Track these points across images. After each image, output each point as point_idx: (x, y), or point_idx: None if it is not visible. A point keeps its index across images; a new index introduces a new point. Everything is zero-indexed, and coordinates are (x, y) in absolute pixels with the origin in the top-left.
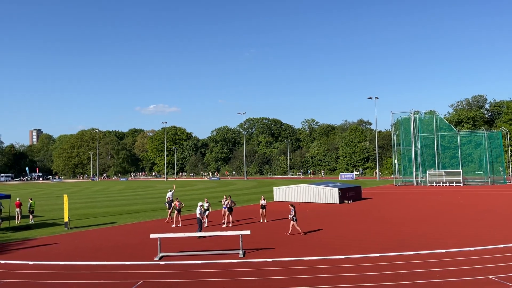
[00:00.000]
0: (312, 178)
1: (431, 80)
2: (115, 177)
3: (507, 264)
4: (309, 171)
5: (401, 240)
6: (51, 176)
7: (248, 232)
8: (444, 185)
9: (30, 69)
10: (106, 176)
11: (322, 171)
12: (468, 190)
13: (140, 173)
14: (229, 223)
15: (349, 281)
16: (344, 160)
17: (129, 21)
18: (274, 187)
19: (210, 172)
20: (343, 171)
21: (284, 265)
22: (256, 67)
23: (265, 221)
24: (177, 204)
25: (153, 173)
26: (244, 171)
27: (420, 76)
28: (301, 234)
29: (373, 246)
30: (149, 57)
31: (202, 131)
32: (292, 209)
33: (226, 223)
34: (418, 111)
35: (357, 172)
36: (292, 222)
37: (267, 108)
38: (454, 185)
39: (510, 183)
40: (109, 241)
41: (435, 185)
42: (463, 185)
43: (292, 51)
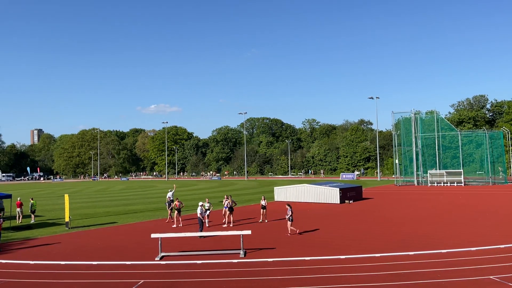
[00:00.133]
0: (312, 178)
1: (432, 80)
2: (116, 177)
3: (508, 264)
4: (309, 171)
5: (402, 240)
6: (52, 176)
7: (249, 232)
8: (445, 185)
9: (31, 68)
10: (107, 176)
11: (322, 171)
12: (469, 190)
13: (141, 173)
14: (230, 223)
15: (350, 281)
16: (345, 160)
17: (130, 21)
18: (275, 187)
19: (208, 172)
20: (344, 171)
21: (285, 265)
22: (257, 67)
23: (266, 221)
24: (177, 204)
25: (154, 173)
26: (245, 171)
27: (421, 76)
28: (297, 233)
29: (374, 246)
30: (150, 57)
31: (203, 131)
32: (288, 209)
33: (227, 223)
34: (419, 111)
35: (358, 172)
36: (289, 222)
37: (268, 108)
38: (455, 185)
39: (511, 183)
40: (110, 241)
41: (436, 185)
42: (464, 185)
43: (293, 51)
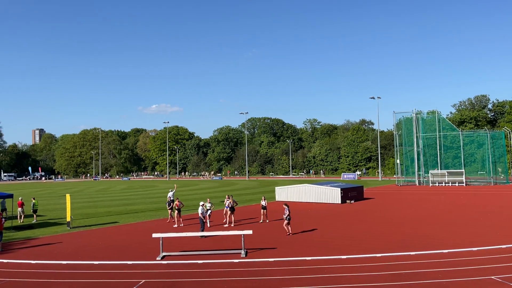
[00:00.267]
0: (313, 178)
1: (433, 80)
2: (117, 176)
3: (510, 264)
4: (310, 171)
5: (403, 240)
6: (53, 176)
7: (250, 232)
8: (447, 185)
9: (33, 68)
10: (108, 176)
11: (322, 171)
12: (470, 190)
13: (142, 173)
14: (231, 223)
15: (351, 281)
16: (346, 160)
17: (130, 21)
18: (276, 187)
19: (207, 172)
20: (345, 171)
21: (286, 265)
22: (258, 67)
23: (267, 221)
24: (177, 204)
25: (155, 173)
26: (246, 171)
27: (422, 76)
28: (288, 234)
29: (375, 246)
30: (151, 57)
31: (204, 130)
32: (286, 208)
33: (228, 223)
34: (420, 111)
35: (359, 172)
36: (285, 221)
37: (269, 108)
38: (457, 185)
39: None
40: (111, 241)
41: (437, 185)
42: (465, 185)
43: (294, 50)
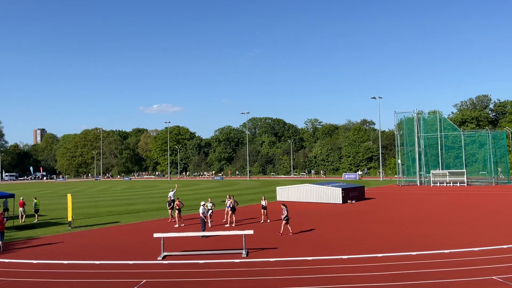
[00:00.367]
0: (314, 178)
1: (435, 80)
2: (118, 176)
3: (511, 264)
4: (312, 171)
5: (404, 240)
6: (55, 176)
7: (251, 232)
8: (448, 185)
9: (34, 68)
10: (110, 176)
11: (321, 171)
12: (472, 190)
13: (144, 173)
14: (232, 222)
15: (352, 281)
16: (348, 160)
17: (132, 20)
18: (277, 187)
19: (206, 172)
20: (346, 171)
21: (287, 265)
22: (259, 66)
23: (268, 221)
24: (177, 204)
25: (157, 173)
26: (247, 171)
27: (423, 76)
28: (280, 234)
29: (376, 246)
30: (153, 57)
31: (205, 130)
32: (284, 208)
33: (229, 222)
34: (421, 111)
35: (360, 172)
36: (283, 222)
37: (270, 108)
38: (458, 185)
39: None
40: (112, 241)
41: (438, 185)
42: (467, 185)
43: (295, 50)
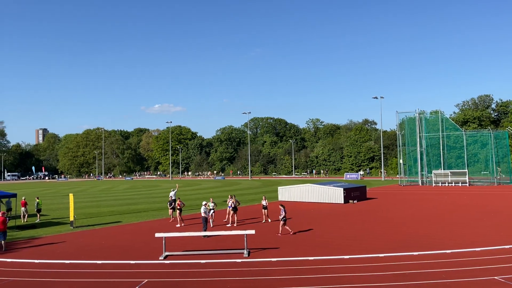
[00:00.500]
0: (315, 178)
1: (436, 80)
2: (120, 176)
3: None
4: (313, 171)
5: (406, 240)
6: (56, 175)
7: (252, 232)
8: (450, 185)
9: (36, 68)
10: (112, 176)
11: (322, 171)
12: (474, 191)
13: (145, 173)
14: (234, 222)
15: (354, 281)
16: (349, 160)
17: (134, 20)
18: (278, 187)
19: (205, 172)
20: (348, 171)
21: (289, 265)
22: (260, 66)
23: (269, 220)
24: (179, 204)
25: (158, 173)
26: (248, 171)
27: (425, 75)
28: (279, 234)
29: (378, 246)
30: (154, 57)
31: (207, 130)
32: (282, 209)
33: (230, 222)
34: (423, 110)
35: (362, 172)
36: (281, 222)
37: (272, 108)
38: (460, 185)
39: None
40: (114, 240)
41: (440, 185)
42: (469, 185)
43: (297, 50)
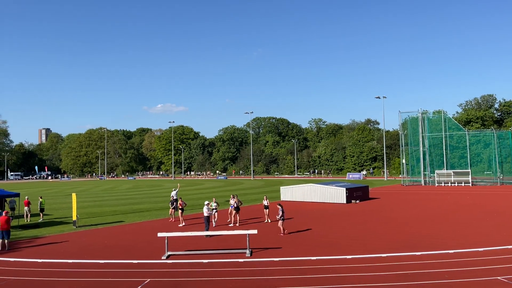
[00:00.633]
0: (317, 178)
1: (439, 80)
2: (122, 176)
3: None
4: (315, 171)
5: (409, 240)
6: (59, 175)
7: (255, 232)
8: (453, 185)
9: (39, 68)
10: (114, 175)
11: (322, 171)
12: (476, 191)
13: (148, 172)
14: (236, 222)
15: (356, 281)
16: (352, 160)
17: (136, 20)
18: (281, 187)
19: (204, 172)
20: (350, 171)
21: (291, 265)
22: (263, 66)
23: (269, 221)
24: (180, 204)
25: (161, 172)
26: (251, 171)
27: (428, 75)
28: (281, 234)
29: (380, 246)
30: (157, 57)
31: (209, 130)
32: (280, 208)
33: (233, 222)
34: (426, 110)
35: (365, 172)
36: (280, 222)
37: (274, 108)
38: (463, 185)
39: None
40: (116, 240)
41: (443, 185)
42: (471, 185)
43: (299, 50)
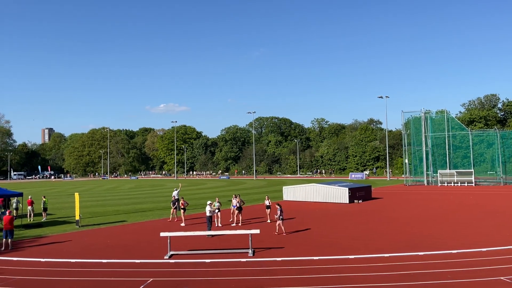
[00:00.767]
0: (318, 178)
1: (442, 79)
2: (125, 175)
3: None
4: (317, 171)
5: (411, 240)
6: (62, 175)
7: (257, 231)
8: (456, 185)
9: (42, 68)
10: (117, 175)
11: (323, 171)
12: (479, 191)
13: (150, 172)
14: (239, 222)
15: (358, 281)
16: (354, 160)
17: (138, 20)
18: (283, 187)
19: (204, 172)
20: (353, 171)
21: (294, 265)
22: (265, 66)
23: (269, 221)
24: (182, 203)
25: (163, 172)
26: (253, 170)
27: (431, 75)
28: (276, 233)
29: (383, 246)
30: (159, 56)
31: (211, 130)
32: (278, 208)
33: (235, 222)
34: (429, 110)
35: (368, 172)
36: (278, 222)
37: (277, 107)
38: (466, 185)
39: None
40: (119, 239)
41: (446, 185)
42: (474, 185)
43: (302, 50)
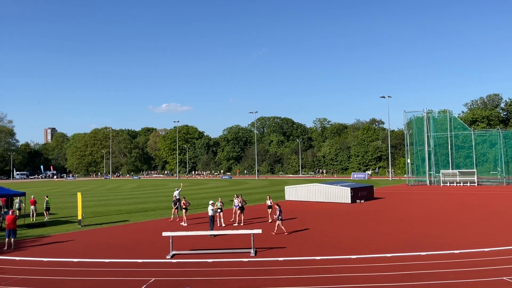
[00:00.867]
0: (321, 178)
1: (445, 79)
2: (127, 175)
3: None
4: (319, 170)
5: (413, 240)
6: (65, 174)
7: (259, 231)
8: (458, 185)
9: (45, 68)
10: (119, 175)
11: (325, 171)
12: (482, 191)
13: (153, 172)
14: (241, 222)
15: (360, 281)
16: (356, 160)
17: (139, 20)
18: (285, 186)
19: (204, 172)
20: (355, 171)
21: (296, 265)
22: (267, 66)
23: (270, 221)
24: (184, 203)
25: (165, 172)
26: (255, 170)
27: (433, 74)
28: (285, 234)
29: (385, 246)
30: (161, 56)
31: (213, 130)
32: (277, 208)
33: (237, 222)
34: (431, 110)
35: (370, 172)
36: (278, 222)
37: (279, 107)
38: (468, 185)
39: None
40: (121, 239)
41: (448, 185)
42: (477, 185)
43: (303, 50)
